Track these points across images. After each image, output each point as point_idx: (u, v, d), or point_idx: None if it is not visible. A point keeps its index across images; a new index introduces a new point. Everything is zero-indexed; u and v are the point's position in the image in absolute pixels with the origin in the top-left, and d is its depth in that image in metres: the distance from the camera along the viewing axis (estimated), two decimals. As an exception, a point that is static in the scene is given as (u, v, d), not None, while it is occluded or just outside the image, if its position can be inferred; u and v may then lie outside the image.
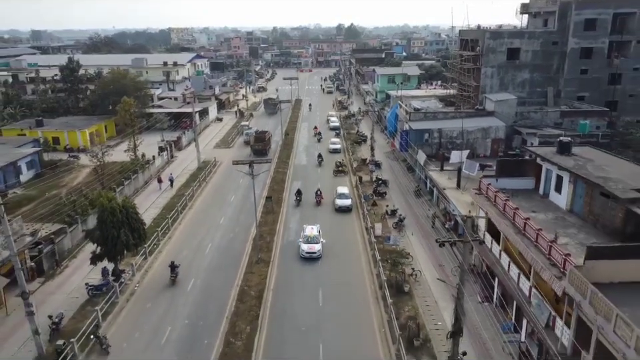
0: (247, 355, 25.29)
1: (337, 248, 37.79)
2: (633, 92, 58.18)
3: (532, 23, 63.06)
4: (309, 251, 35.98)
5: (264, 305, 29.91)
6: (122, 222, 31.31)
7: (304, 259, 35.88)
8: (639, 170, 27.39)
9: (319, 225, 39.09)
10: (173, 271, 33.02)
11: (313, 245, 36.26)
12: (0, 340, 27.18)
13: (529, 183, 32.00)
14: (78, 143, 68.47)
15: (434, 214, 41.78)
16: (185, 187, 51.39)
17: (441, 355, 25.05)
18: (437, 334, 26.77)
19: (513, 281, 26.54)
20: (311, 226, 38.61)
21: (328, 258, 35.95)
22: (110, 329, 28.11)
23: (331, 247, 37.42)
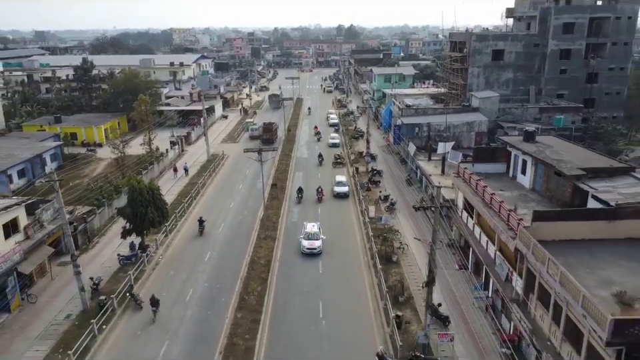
0: (258, 308, 30.21)
1: (335, 228, 42.69)
2: (609, 90, 63.26)
3: (516, 26, 68.03)
4: (309, 247, 37.85)
5: (272, 272, 34.86)
6: (149, 201, 36.24)
7: (305, 254, 37.70)
8: (589, 154, 32.36)
9: (319, 222, 40.87)
10: (201, 224, 41.09)
11: (313, 242, 38.12)
12: (49, 298, 32.08)
13: (500, 167, 36.95)
14: (94, 138, 73.38)
15: (422, 198, 46.71)
16: (196, 177, 56.38)
17: (421, 308, 29.88)
18: (419, 293, 31.61)
19: (482, 248, 31.49)
20: (312, 223, 40.33)
21: (327, 235, 40.84)
22: (140, 290, 32.98)
23: (330, 227, 42.32)
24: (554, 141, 35.52)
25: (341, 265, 36.25)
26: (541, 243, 23.73)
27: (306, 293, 32.53)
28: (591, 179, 28.22)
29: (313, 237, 38.43)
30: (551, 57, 61.70)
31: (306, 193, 50.90)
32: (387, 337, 27.65)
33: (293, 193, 51.87)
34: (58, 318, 29.88)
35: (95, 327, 27.98)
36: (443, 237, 39.42)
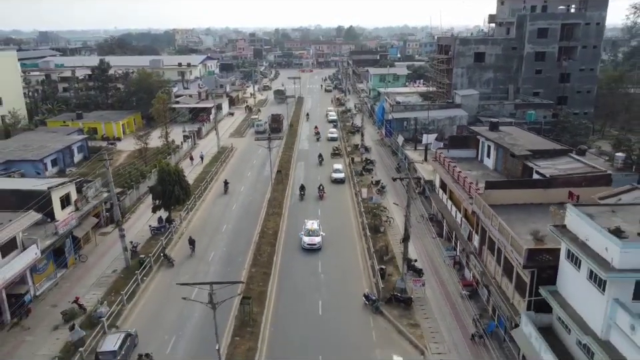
0: (269, 264, 37.13)
1: (333, 207, 49.59)
2: (580, 89, 70.12)
3: (497, 31, 74.95)
4: (309, 242, 39.93)
5: (279, 239, 41.79)
6: (175, 181, 43.13)
7: (305, 249, 39.92)
8: (539, 140, 39.33)
9: (318, 220, 43.20)
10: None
11: (313, 238, 40.25)
12: (96, 259, 38.98)
13: (471, 153, 43.91)
14: (113, 132, 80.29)
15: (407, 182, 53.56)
16: (209, 166, 63.31)
17: (401, 266, 36.80)
18: (400, 254, 38.34)
19: (452, 217, 38.43)
20: (312, 221, 42.36)
21: (326, 213, 47.68)
22: (170, 253, 39.86)
23: (328, 206, 49.19)
24: (514, 130, 42.50)
25: (338, 234, 43.15)
26: (491, 206, 30.58)
27: (308, 254, 39.47)
28: (536, 159, 35.16)
29: (313, 233, 40.62)
30: (527, 58, 68.52)
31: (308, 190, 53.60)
32: (372, 284, 34.56)
33: (296, 178, 58.81)
34: (106, 272, 36.80)
35: (139, 277, 34.91)
36: (423, 213, 46.62)
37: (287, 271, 36.84)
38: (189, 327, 30.23)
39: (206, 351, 27.34)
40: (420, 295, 32.79)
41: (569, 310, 22.06)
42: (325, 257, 39.16)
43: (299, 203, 51.39)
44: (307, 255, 39.38)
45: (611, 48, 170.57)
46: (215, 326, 22.51)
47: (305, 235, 40.69)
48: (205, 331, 29.01)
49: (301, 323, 30.58)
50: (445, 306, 32.06)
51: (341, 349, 28.02)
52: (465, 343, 28.33)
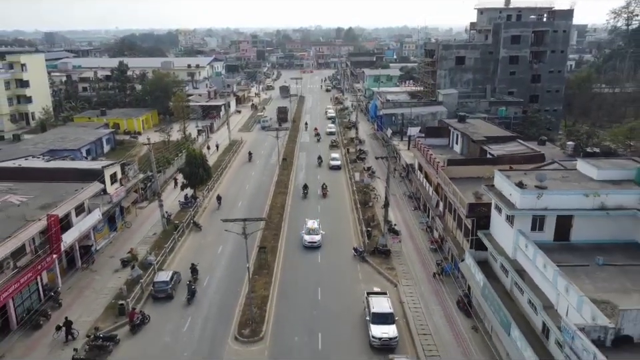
0: (278, 228, 46.35)
1: (331, 188, 58.71)
2: (549, 88, 79.12)
3: (477, 37, 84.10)
4: (310, 241, 42.63)
5: (285, 210, 51.05)
6: (199, 164, 52.35)
7: (306, 247, 42.53)
8: (494, 129, 48.57)
9: (319, 219, 46.04)
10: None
11: (314, 236, 42.87)
12: (138, 226, 48.12)
13: (444, 141, 53.07)
14: (134, 127, 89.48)
15: (394, 168, 62.79)
16: (222, 155, 72.58)
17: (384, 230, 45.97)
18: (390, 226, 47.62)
19: (427, 192, 47.62)
20: (312, 220, 45.05)
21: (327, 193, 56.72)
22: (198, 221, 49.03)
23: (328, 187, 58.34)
24: (477, 122, 51.75)
25: (335, 207, 52.39)
26: (451, 179, 39.76)
27: (313, 212, 48.79)
28: (490, 143, 44.34)
29: (313, 232, 43.30)
30: (502, 62, 77.55)
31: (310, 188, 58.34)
32: (360, 241, 43.77)
33: (299, 165, 68.09)
34: (148, 234, 46.00)
35: (176, 237, 44.13)
36: (405, 191, 55.85)
37: (292, 233, 46.06)
38: (217, 271, 39.44)
39: (232, 285, 36.62)
40: (397, 249, 41.95)
41: (495, 244, 31.24)
42: (324, 222, 48.19)
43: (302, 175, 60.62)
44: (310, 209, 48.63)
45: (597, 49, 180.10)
46: (246, 249, 31.67)
47: (306, 233, 43.34)
48: (230, 273, 38.35)
49: (304, 267, 39.80)
50: (415, 256, 41.28)
51: (335, 283, 37.18)
52: (428, 279, 37.51)
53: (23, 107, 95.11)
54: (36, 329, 31.38)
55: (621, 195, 28.10)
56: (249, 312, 32.50)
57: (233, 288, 36.64)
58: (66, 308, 33.92)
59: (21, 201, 36.29)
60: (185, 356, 29.20)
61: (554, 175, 31.97)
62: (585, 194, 27.94)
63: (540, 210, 28.12)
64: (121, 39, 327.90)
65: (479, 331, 30.60)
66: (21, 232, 31.29)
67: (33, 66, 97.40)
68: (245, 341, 30.41)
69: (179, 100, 79.58)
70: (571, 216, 28.31)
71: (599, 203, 27.85)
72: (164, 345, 30.31)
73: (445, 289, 35.91)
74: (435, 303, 34.23)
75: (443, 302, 34.38)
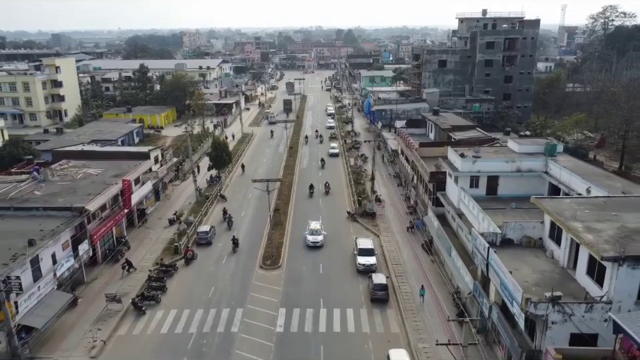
0: (288, 198, 58.46)
1: (330, 170, 70.76)
2: (520, 88, 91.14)
3: (458, 43, 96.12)
4: (313, 241, 46.05)
5: (293, 187, 63.11)
6: (222, 149, 64.41)
7: (309, 246, 46.25)
8: (461, 120, 60.53)
9: (321, 221, 49.67)
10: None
11: (316, 237, 46.24)
12: (175, 198, 60.19)
13: (422, 130, 65.15)
14: (157, 122, 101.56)
15: (382, 154, 74.90)
16: (237, 145, 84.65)
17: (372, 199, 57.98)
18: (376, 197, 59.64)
19: (406, 170, 59.69)
20: (315, 221, 48.68)
21: (326, 174, 68.71)
22: (223, 194, 61.09)
23: (328, 168, 70.44)
24: (448, 115, 63.88)
25: (333, 185, 64.38)
26: (422, 157, 51.72)
27: (314, 183, 60.84)
28: (455, 131, 56.36)
29: (316, 232, 46.69)
30: (478, 65, 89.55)
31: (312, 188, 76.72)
32: (352, 207, 55.82)
33: (303, 153, 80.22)
34: (185, 204, 58.04)
35: (207, 204, 56.22)
36: (391, 172, 67.88)
37: (299, 202, 58.15)
38: (243, 227, 51.51)
39: (254, 236, 48.78)
40: (381, 212, 54.02)
41: (447, 200, 43.25)
42: (325, 198, 60.30)
43: (306, 163, 72.75)
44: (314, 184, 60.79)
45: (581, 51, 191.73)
46: (268, 201, 44.05)
47: (309, 234, 46.68)
48: (252, 228, 50.58)
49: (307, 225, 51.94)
50: (395, 217, 53.37)
51: (333, 234, 49.14)
52: (402, 232, 49.52)
53: (57, 104, 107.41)
54: (115, 262, 43.36)
55: (532, 162, 40.14)
56: (269, 251, 44.61)
57: (255, 237, 48.74)
58: (133, 250, 46.01)
59: (97, 173, 48.33)
60: (226, 277, 41.26)
61: (490, 149, 44.07)
62: (506, 161, 40.00)
63: (475, 172, 40.15)
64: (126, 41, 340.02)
65: (435, 262, 42.63)
66: (108, 190, 43.39)
67: (66, 68, 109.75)
68: (267, 268, 42.52)
69: (199, 98, 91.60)
70: (497, 176, 40.35)
71: (516, 167, 39.89)
72: (210, 272, 42.39)
73: (415, 238, 47.96)
74: (406, 246, 46.32)
75: (412, 246, 46.45)
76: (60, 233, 36.31)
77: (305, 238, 47.15)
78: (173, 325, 34.67)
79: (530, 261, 29.09)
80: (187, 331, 33.96)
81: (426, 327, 33.76)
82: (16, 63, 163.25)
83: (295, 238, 48.70)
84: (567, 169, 37.24)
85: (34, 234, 34.97)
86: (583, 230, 25.62)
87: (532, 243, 30.60)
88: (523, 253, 29.91)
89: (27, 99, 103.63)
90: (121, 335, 33.81)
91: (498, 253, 28.77)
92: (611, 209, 28.21)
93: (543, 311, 23.68)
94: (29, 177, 46.88)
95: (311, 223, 48.40)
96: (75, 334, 33.34)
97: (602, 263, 23.45)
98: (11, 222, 37.65)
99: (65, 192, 43.09)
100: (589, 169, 39.17)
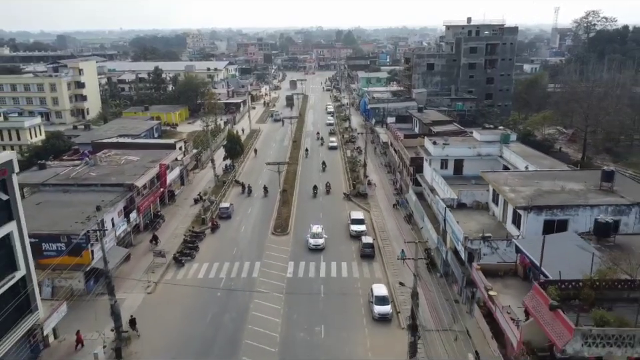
0: (293, 182, 68.58)
1: (331, 159, 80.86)
2: (501, 88, 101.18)
3: (445, 48, 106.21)
4: (314, 244, 48.28)
5: (297, 173, 73.25)
6: (236, 141, 74.56)
7: (311, 249, 48.45)
8: (440, 116, 70.69)
9: (322, 225, 51.95)
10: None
11: (317, 240, 48.58)
12: (196, 183, 70.33)
13: (409, 125, 75.28)
14: (172, 120, 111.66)
15: (375, 147, 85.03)
16: (247, 140, 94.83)
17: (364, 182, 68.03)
18: (365, 179, 69.69)
19: (394, 159, 69.80)
20: (316, 225, 50.94)
21: (327, 163, 78.77)
22: (238, 179, 71.18)
23: (328, 158, 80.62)
24: (431, 112, 74.17)
25: (332, 171, 74.57)
26: (405, 147, 61.78)
27: (316, 168, 70.96)
28: (435, 125, 66.45)
29: (317, 236, 49.00)
30: (463, 67, 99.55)
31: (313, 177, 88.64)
32: (348, 189, 65.93)
33: (307, 145, 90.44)
34: (205, 187, 68.15)
35: (225, 188, 66.37)
36: (382, 161, 78.05)
37: (302, 186, 68.30)
38: (256, 206, 61.64)
39: (267, 211, 58.92)
40: (372, 194, 64.13)
41: (424, 180, 53.32)
42: (325, 178, 70.35)
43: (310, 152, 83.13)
44: (316, 169, 70.86)
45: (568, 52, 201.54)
46: (279, 180, 54.36)
47: (311, 237, 49.02)
48: (264, 206, 60.75)
49: (311, 203, 62.01)
50: (384, 197, 63.50)
51: (331, 210, 59.27)
52: (389, 208, 59.59)
53: (79, 104, 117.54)
54: (154, 230, 53.39)
55: (489, 148, 50.26)
56: (279, 222, 54.79)
57: (268, 212, 58.89)
58: (167, 222, 56.12)
59: (136, 159, 58.46)
60: (245, 241, 51.38)
61: (459, 139, 54.20)
62: (469, 147, 50.12)
63: (444, 156, 50.27)
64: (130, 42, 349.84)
65: (413, 230, 52.70)
66: (149, 171, 53.59)
67: (88, 70, 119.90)
68: (278, 234, 52.71)
69: (211, 98, 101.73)
70: (462, 159, 50.44)
71: (477, 152, 50.00)
72: (231, 237, 52.52)
73: (398, 214, 58.05)
74: (390, 218, 56.45)
75: (396, 218, 56.58)
76: (117, 203, 46.51)
77: (306, 241, 49.47)
78: (207, 273, 44.85)
79: (477, 217, 39.23)
80: (218, 276, 44.15)
81: (401, 273, 43.77)
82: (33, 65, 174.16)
83: (299, 213, 58.85)
84: (514, 153, 47.37)
85: (97, 203, 45.11)
86: (509, 191, 35.74)
87: (480, 206, 40.73)
88: (472, 213, 40.05)
89: (53, 98, 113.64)
90: (167, 279, 43.96)
91: (453, 213, 38.93)
92: (534, 179, 38.31)
93: (477, 246, 33.80)
94: (81, 162, 57.04)
95: (312, 227, 50.43)
96: (131, 279, 43.43)
97: (518, 211, 33.55)
98: (78, 195, 47.75)
99: (114, 173, 53.27)
100: (531, 152, 49.33)
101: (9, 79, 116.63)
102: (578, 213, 32.45)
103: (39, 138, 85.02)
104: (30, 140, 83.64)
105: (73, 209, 43.95)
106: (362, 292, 41.21)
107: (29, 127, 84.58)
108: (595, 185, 36.27)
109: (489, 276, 29.20)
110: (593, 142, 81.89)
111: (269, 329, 36.14)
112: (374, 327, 36.68)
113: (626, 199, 33.40)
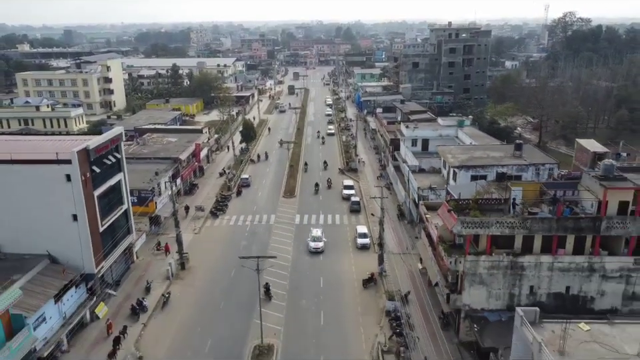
0: (297, 162, 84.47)
1: (328, 145, 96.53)
2: (477, 83, 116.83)
3: (429, 49, 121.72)
4: (315, 247, 51.17)
5: (301, 154, 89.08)
6: (250, 127, 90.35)
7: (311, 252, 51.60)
8: (418, 107, 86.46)
9: (322, 228, 55.57)
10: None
11: (317, 243, 51.44)
12: (219, 162, 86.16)
13: (394, 115, 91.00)
14: (190, 111, 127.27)
15: (366, 133, 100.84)
16: (257, 127, 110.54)
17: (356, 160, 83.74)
18: (357, 160, 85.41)
19: (380, 142, 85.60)
20: (317, 229, 54.05)
21: (326, 148, 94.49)
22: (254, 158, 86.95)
23: (327, 143, 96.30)
24: (411, 104, 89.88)
25: (330, 152, 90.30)
26: (388, 131, 77.44)
27: (316, 153, 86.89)
28: (412, 114, 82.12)
29: (317, 239, 51.82)
30: (444, 66, 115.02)
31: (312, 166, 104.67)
32: (343, 164, 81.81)
33: (308, 132, 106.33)
34: (226, 165, 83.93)
35: (243, 165, 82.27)
36: (372, 145, 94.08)
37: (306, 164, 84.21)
38: (269, 176, 77.52)
39: (277, 180, 74.88)
40: (361, 169, 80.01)
41: (400, 156, 69.07)
42: (324, 156, 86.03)
43: (310, 140, 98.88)
44: (316, 153, 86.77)
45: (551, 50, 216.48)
46: (288, 156, 70.34)
47: (311, 240, 51.86)
48: (275, 177, 76.73)
49: (314, 175, 77.86)
50: (371, 171, 79.40)
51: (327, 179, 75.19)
52: (374, 179, 75.44)
53: (107, 97, 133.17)
54: (192, 194, 69.17)
55: (449, 130, 65.99)
56: (288, 188, 70.76)
57: (278, 182, 74.83)
58: (201, 189, 71.98)
59: (175, 140, 74.23)
60: (262, 202, 67.29)
61: (427, 124, 69.99)
62: (433, 130, 65.91)
63: (414, 137, 66.02)
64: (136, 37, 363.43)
65: (391, 194, 68.50)
66: (187, 148, 69.47)
67: (114, 66, 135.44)
68: (287, 197, 68.72)
69: (225, 92, 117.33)
70: (428, 139, 66.13)
71: (438, 134, 65.74)
72: (251, 199, 68.43)
73: (382, 182, 73.91)
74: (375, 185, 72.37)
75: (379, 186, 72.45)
76: (168, 170, 62.41)
77: (307, 244, 52.48)
78: (236, 221, 60.85)
79: (431, 178, 55.10)
80: (245, 223, 60.16)
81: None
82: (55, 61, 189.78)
83: (303, 183, 74.83)
84: (466, 134, 63.14)
85: (155, 170, 60.94)
86: (450, 157, 51.57)
87: (434, 170, 56.61)
88: (429, 175, 56.01)
89: (85, 92, 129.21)
90: (207, 226, 59.93)
91: (414, 175, 54.82)
92: (471, 150, 54.09)
93: (426, 194, 49.69)
94: (132, 142, 72.86)
95: (312, 230, 53.77)
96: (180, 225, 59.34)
97: (454, 169, 49.36)
98: (138, 165, 63.47)
99: (161, 150, 69.14)
100: (479, 134, 65.08)
101: (46, 74, 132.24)
102: (494, 170, 48.25)
103: (82, 126, 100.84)
104: (75, 127, 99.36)
105: (136, 175, 59.76)
106: (349, 233, 57.17)
107: (75, 116, 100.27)
108: (512, 154, 52.08)
109: (431, 209, 45.10)
110: (552, 130, 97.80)
111: (283, 253, 52.13)
112: (357, 253, 52.63)
113: (527, 161, 49.21)
